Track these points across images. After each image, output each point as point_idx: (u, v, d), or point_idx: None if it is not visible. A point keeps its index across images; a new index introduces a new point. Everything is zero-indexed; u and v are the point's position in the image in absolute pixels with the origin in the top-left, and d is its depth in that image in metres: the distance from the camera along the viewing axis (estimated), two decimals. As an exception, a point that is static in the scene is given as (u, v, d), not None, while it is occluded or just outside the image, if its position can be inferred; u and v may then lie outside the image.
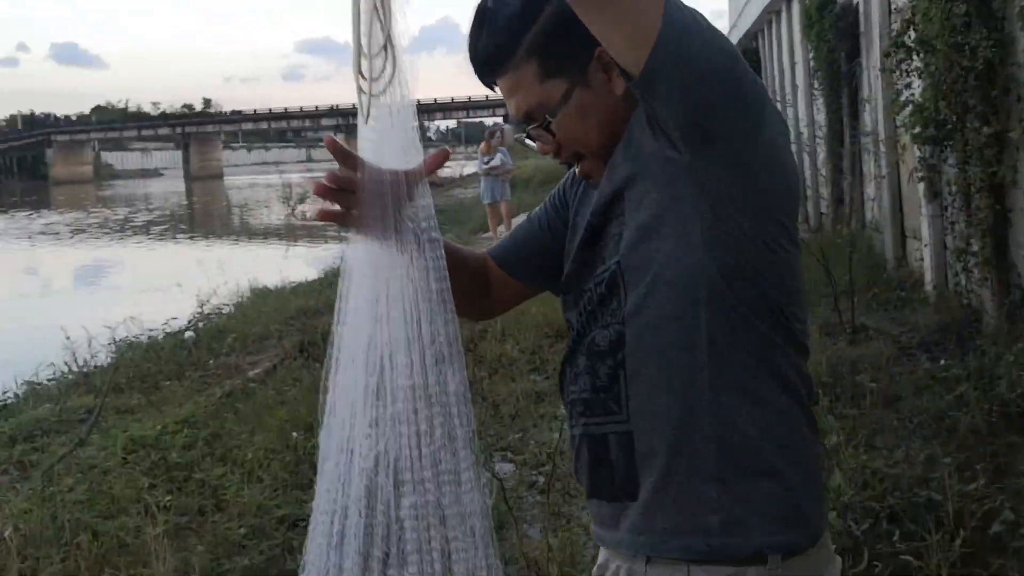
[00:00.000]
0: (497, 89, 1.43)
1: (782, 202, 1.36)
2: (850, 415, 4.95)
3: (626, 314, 1.37)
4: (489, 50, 1.39)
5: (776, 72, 16.27)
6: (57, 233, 29.51)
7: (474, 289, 1.61)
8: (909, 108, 7.06)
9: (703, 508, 1.34)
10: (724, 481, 1.34)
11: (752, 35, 18.87)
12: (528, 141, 1.46)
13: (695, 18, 1.22)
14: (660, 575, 1.38)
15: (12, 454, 5.32)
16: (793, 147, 12.16)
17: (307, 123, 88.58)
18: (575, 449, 1.48)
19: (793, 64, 14.58)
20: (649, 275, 1.33)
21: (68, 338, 7.80)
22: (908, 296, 7.87)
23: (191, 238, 26.94)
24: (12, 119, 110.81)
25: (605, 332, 1.39)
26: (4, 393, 7.39)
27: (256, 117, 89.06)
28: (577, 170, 1.49)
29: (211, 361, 7.63)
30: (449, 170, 42.36)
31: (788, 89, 15.06)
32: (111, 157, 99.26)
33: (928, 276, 7.76)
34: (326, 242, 18.27)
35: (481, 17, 1.39)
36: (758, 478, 1.34)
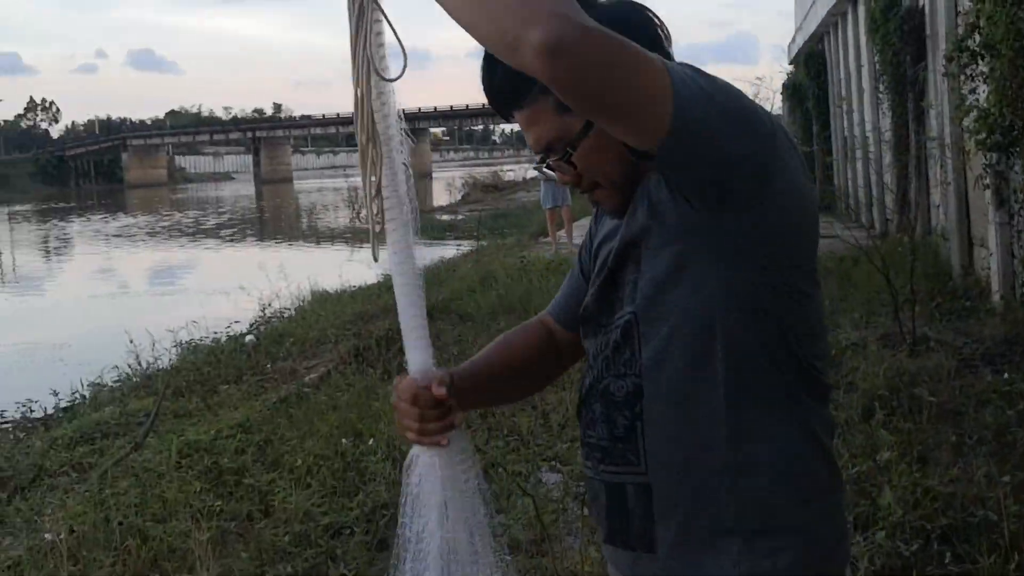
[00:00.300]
0: (515, 120, 1.43)
1: (800, 246, 1.35)
2: (905, 429, 4.83)
3: (643, 366, 1.36)
4: (505, 85, 1.38)
5: (841, 75, 16.00)
6: (132, 235, 30.29)
7: (549, 366, 1.69)
8: (974, 113, 6.87)
9: (724, 563, 1.33)
10: (745, 536, 1.32)
11: (818, 37, 18.57)
12: (547, 171, 1.46)
13: (699, 85, 1.19)
14: None
15: (72, 456, 5.46)
16: (857, 152, 11.91)
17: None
18: (591, 491, 1.48)
19: (859, 67, 14.32)
20: (666, 328, 1.33)
21: (132, 341, 7.98)
22: (973, 306, 7.66)
23: (259, 241, 27.42)
24: (90, 124, 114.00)
25: (621, 382, 1.39)
26: (72, 394, 7.59)
27: (325, 122, 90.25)
28: (592, 197, 1.47)
29: (269, 365, 7.74)
30: (512, 173, 42.50)
31: (853, 92, 14.79)
32: (184, 161, 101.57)
33: (995, 285, 7.55)
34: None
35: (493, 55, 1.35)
36: (780, 533, 1.33)
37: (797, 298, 1.34)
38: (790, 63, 24.25)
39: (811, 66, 18.91)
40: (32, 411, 7.22)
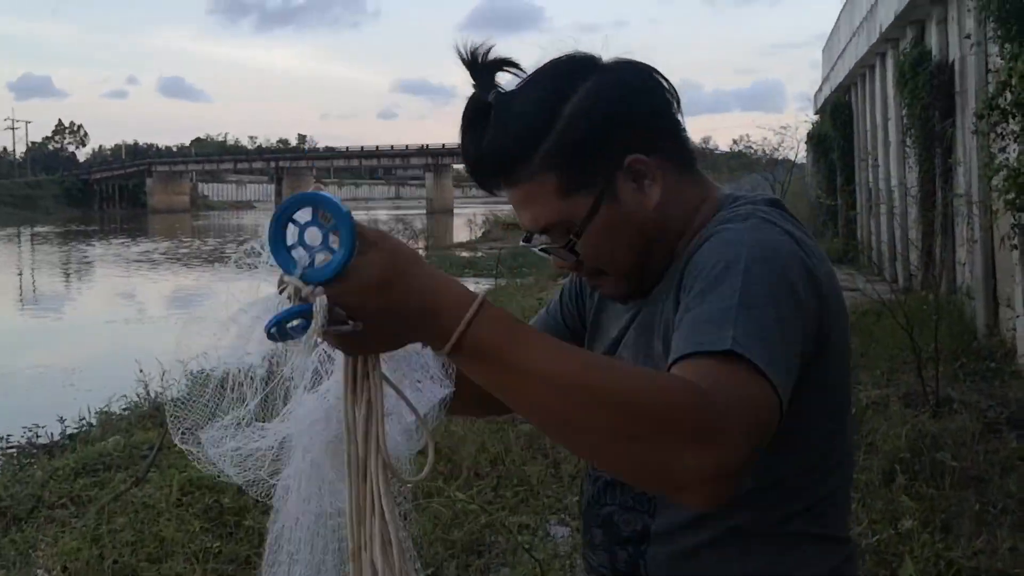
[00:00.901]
0: (500, 194, 1.22)
1: (845, 387, 1.23)
2: (928, 495, 4.67)
3: (656, 507, 1.22)
4: (495, 158, 1.17)
5: (868, 127, 15.91)
6: (153, 260, 30.37)
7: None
8: (1003, 172, 6.76)
9: None
10: None
11: (845, 88, 18.53)
12: (541, 252, 1.27)
13: (786, 348, 1.02)
14: None
15: (72, 488, 5.35)
16: (882, 206, 11.77)
17: (397, 161, 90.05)
18: None
19: (886, 120, 14.23)
20: None
21: (141, 370, 7.91)
22: (998, 367, 7.50)
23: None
24: (117, 148, 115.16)
25: (628, 516, 1.24)
26: (80, 420, 7.49)
27: (348, 154, 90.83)
28: (592, 285, 1.31)
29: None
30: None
31: (880, 145, 14.70)
32: (207, 188, 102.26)
33: (1020, 347, 7.39)
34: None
35: (481, 115, 1.17)
36: None
37: (839, 443, 1.23)
38: (816, 113, 24.25)
39: (837, 117, 18.84)
40: (38, 436, 7.12)
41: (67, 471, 5.66)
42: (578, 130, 1.15)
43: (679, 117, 1.22)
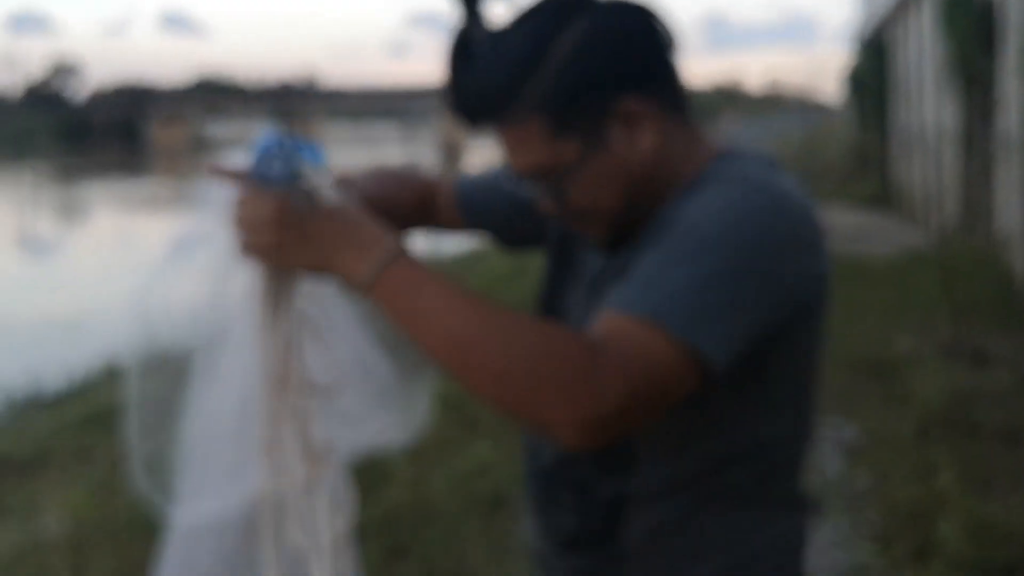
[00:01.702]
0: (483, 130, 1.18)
1: (817, 353, 1.21)
2: (962, 452, 4.51)
3: (634, 470, 1.19)
4: (479, 96, 1.13)
5: (908, 65, 15.49)
6: (155, 202, 29.38)
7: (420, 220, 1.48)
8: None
9: None
10: None
11: (883, 24, 17.99)
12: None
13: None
14: None
15: (80, 440, 5.27)
16: (919, 147, 11.46)
17: (406, 101, 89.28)
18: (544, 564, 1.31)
19: (924, 59, 13.83)
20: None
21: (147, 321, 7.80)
22: (1037, 317, 7.26)
23: None
24: (117, 87, 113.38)
25: (608, 480, 1.21)
26: (85, 372, 7.40)
27: (356, 93, 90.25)
28: (576, 229, 1.25)
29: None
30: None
31: (919, 84, 14.31)
32: (211, 127, 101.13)
33: (1059, 296, 7.15)
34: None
35: (464, 50, 1.13)
36: None
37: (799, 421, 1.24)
38: (850, 49, 23.64)
39: (874, 54, 18.34)
40: (43, 389, 7.01)
41: (75, 423, 5.61)
42: (568, 71, 1.11)
43: (675, 63, 1.18)
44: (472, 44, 1.13)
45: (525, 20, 1.13)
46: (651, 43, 1.15)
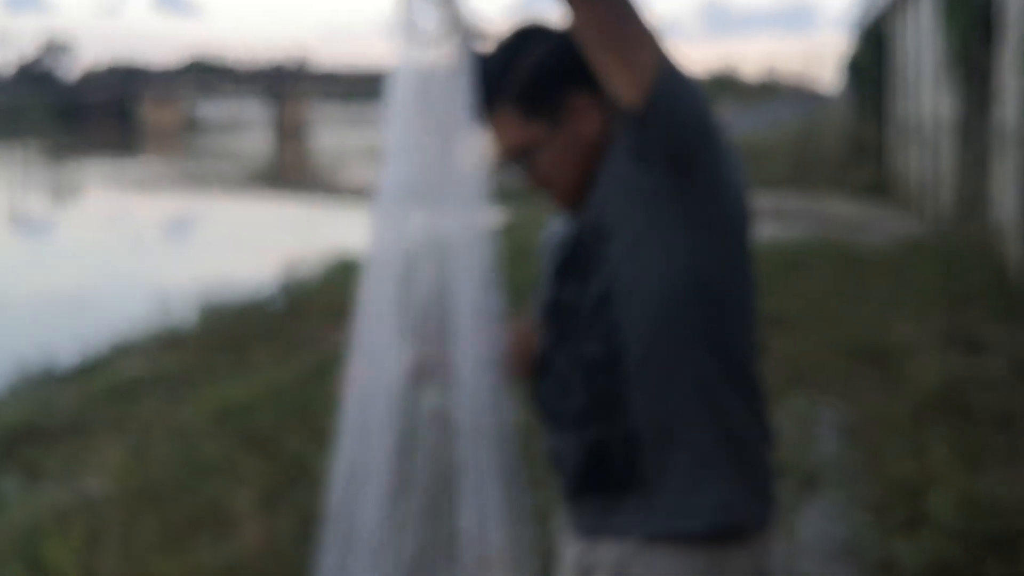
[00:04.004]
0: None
1: (744, 229, 1.57)
2: (955, 434, 4.67)
3: (623, 332, 1.52)
4: (482, 93, 1.55)
5: (907, 54, 15.55)
6: (145, 183, 29.35)
7: None
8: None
9: (701, 491, 1.53)
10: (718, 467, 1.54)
11: (883, 12, 18.04)
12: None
13: (678, 63, 1.46)
14: (658, 556, 1.54)
15: (109, 410, 5.43)
16: (916, 139, 11.46)
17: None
18: (557, 456, 1.63)
19: (923, 49, 13.92)
20: (638, 294, 1.51)
21: (156, 297, 7.90)
22: (1031, 308, 7.41)
23: (277, 194, 26.41)
24: (110, 67, 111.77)
25: (598, 346, 1.54)
26: (97, 347, 7.49)
27: (349, 74, 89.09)
28: (546, 194, 1.64)
29: (299, 328, 7.63)
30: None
31: (917, 74, 14.39)
32: (203, 108, 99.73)
33: (1052, 287, 7.31)
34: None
35: (478, 63, 1.56)
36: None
37: (744, 280, 1.57)
38: (849, 38, 23.68)
39: (874, 43, 18.37)
40: (54, 363, 6.98)
41: (101, 394, 5.74)
42: (532, 74, 1.57)
43: None
44: (483, 60, 1.57)
45: (505, 42, 1.61)
46: None
